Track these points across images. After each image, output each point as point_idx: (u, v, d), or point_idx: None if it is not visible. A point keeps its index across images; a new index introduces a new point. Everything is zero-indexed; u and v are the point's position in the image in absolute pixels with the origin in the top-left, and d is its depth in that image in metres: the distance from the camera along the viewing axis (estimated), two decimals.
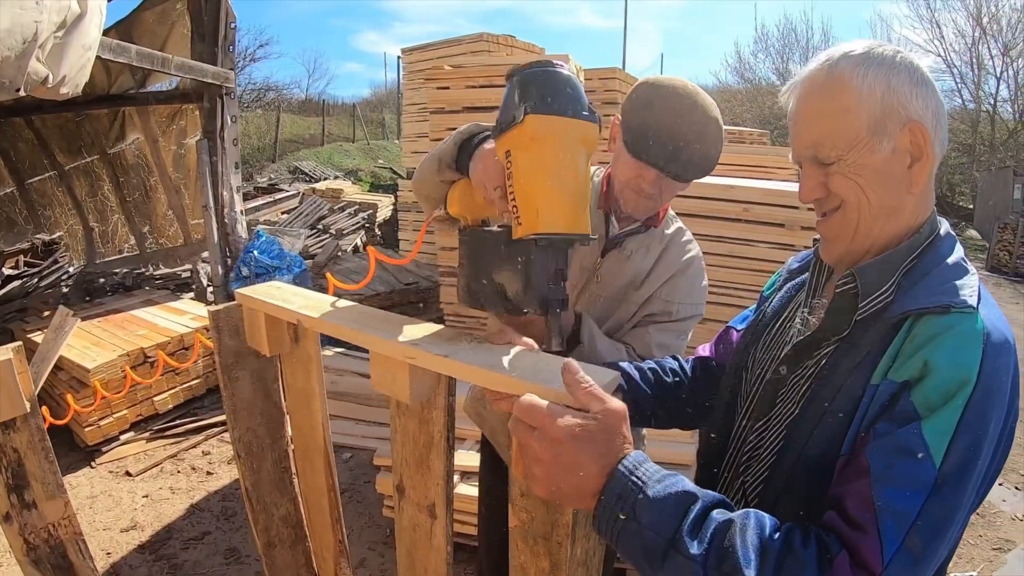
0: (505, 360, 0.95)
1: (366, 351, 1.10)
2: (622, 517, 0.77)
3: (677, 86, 1.37)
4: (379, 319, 1.18)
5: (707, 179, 4.24)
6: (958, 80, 18.74)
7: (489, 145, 1.11)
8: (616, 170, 1.48)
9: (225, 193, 5.18)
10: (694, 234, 1.67)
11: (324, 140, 20.93)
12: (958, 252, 0.94)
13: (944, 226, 0.98)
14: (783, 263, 4.16)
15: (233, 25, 4.85)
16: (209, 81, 4.70)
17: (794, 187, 4.20)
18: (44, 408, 3.67)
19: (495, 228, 1.13)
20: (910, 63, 0.91)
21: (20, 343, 1.38)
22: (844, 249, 0.98)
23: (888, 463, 0.79)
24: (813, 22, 35.05)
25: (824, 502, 0.86)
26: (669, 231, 1.59)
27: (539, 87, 0.92)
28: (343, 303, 1.29)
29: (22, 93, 2.13)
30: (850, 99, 0.90)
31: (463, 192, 1.21)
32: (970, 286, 0.88)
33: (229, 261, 5.38)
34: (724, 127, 1.40)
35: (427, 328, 1.11)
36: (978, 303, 0.85)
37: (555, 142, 0.92)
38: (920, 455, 0.78)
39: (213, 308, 1.43)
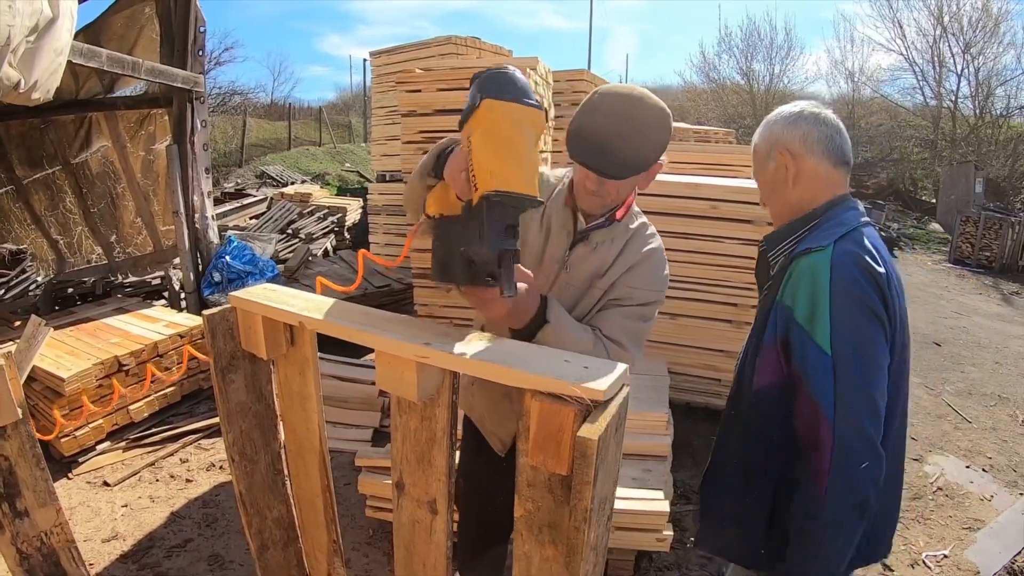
0: (518, 357, 0.99)
1: (344, 354, 1.13)
2: None
3: (622, 92, 1.46)
4: (382, 318, 1.19)
5: (675, 178, 4.32)
6: (919, 78, 19.21)
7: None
8: (573, 172, 1.63)
9: (196, 199, 5.12)
10: (663, 231, 1.79)
11: (291, 144, 20.71)
12: (851, 214, 1.38)
13: (845, 206, 1.41)
14: (752, 258, 4.34)
15: (202, 29, 4.80)
16: (179, 86, 4.65)
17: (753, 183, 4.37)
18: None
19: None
20: (791, 112, 1.46)
21: (9, 350, 1.36)
22: (778, 229, 1.51)
23: (807, 364, 1.26)
24: (776, 22, 35.57)
25: (765, 392, 1.40)
26: (633, 225, 1.68)
27: (492, 81, 1.11)
28: (343, 304, 1.30)
29: None
30: (756, 147, 1.54)
31: (439, 192, 1.33)
32: (837, 233, 1.31)
33: (201, 267, 5.31)
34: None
35: (433, 326, 1.13)
36: (839, 239, 1.29)
37: (506, 120, 1.09)
38: (819, 351, 1.23)
39: (208, 312, 1.43)
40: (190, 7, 4.60)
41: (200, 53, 4.91)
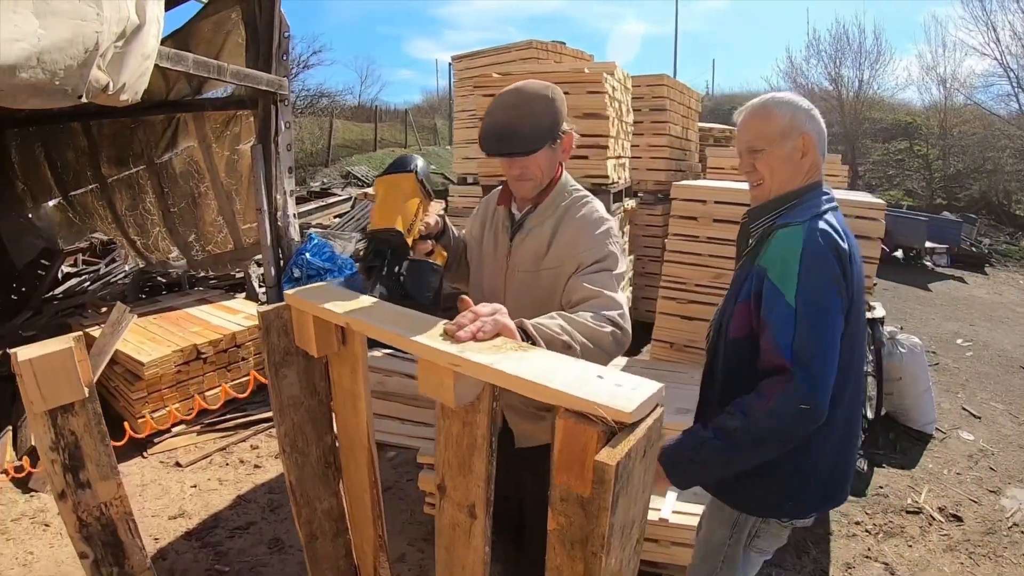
0: (548, 370, 0.98)
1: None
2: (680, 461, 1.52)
3: (508, 88, 1.69)
4: (426, 323, 1.20)
5: (744, 186, 4.19)
6: (1015, 84, 17.91)
7: None
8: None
9: (279, 197, 5.30)
10: (725, 240, 1.90)
11: (376, 145, 21.14)
12: (823, 198, 1.61)
13: (820, 190, 1.64)
14: None
15: (287, 34, 4.96)
16: (263, 88, 4.81)
17: (842, 194, 4.18)
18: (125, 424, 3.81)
19: None
20: (807, 106, 1.64)
21: (80, 333, 1.45)
22: (762, 205, 1.69)
23: (772, 314, 1.47)
24: (865, 25, 33.73)
25: (739, 342, 1.61)
26: (564, 203, 1.77)
27: (388, 167, 1.62)
28: (391, 307, 1.33)
29: (84, 100, 2.23)
30: (772, 117, 1.63)
31: None
32: (812, 214, 1.55)
33: (282, 263, 5.49)
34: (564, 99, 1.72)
35: None
36: (812, 219, 1.52)
37: (382, 186, 1.58)
38: (784, 304, 1.45)
39: (263, 308, 1.48)
40: (275, 13, 4.77)
41: (284, 57, 5.08)
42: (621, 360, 3.79)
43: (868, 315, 4.32)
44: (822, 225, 1.52)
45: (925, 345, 5.02)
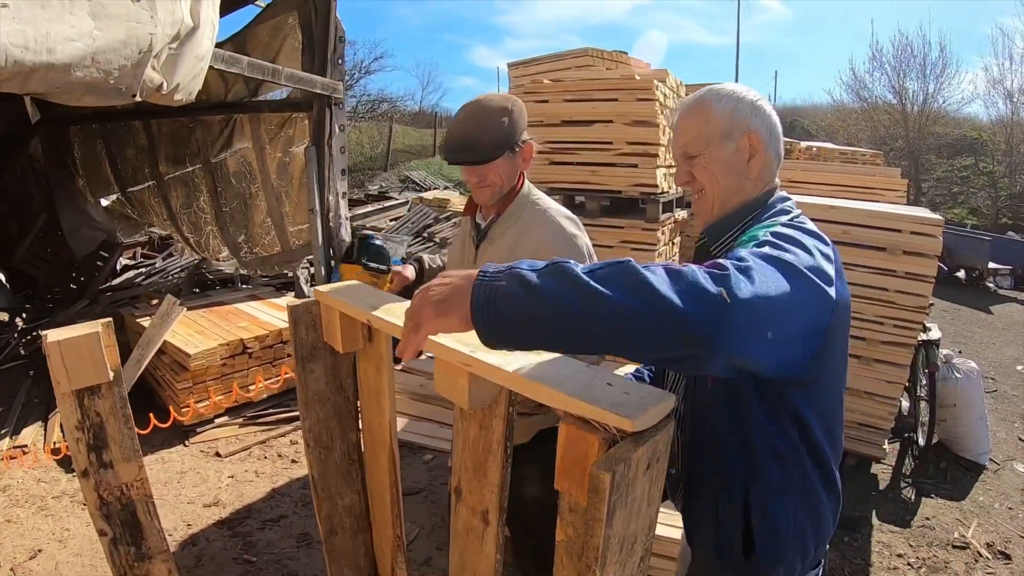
0: (557, 375, 0.96)
1: None
2: (499, 281, 0.90)
3: (470, 101, 1.77)
4: None
5: (806, 199, 4.05)
6: None
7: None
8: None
9: (331, 198, 5.38)
10: None
11: (435, 151, 21.38)
12: (785, 208, 1.34)
13: (781, 195, 1.39)
14: (883, 289, 3.96)
15: (342, 39, 5.05)
16: (318, 92, 4.91)
17: (900, 209, 4.01)
18: (172, 407, 3.93)
19: None
20: (753, 98, 1.36)
21: (110, 319, 1.50)
22: (707, 218, 1.41)
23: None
24: (930, 37, 32.56)
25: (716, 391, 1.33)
26: (524, 213, 1.83)
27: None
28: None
29: (138, 98, 2.31)
30: (709, 115, 1.35)
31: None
32: (789, 217, 1.29)
33: (332, 263, 5.58)
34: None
35: None
36: (792, 219, 1.27)
37: (343, 274, 1.89)
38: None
39: (292, 303, 1.51)
40: (330, 18, 4.85)
41: (340, 61, 5.16)
42: None
43: (923, 337, 4.16)
44: (805, 224, 1.28)
45: (983, 370, 4.81)
